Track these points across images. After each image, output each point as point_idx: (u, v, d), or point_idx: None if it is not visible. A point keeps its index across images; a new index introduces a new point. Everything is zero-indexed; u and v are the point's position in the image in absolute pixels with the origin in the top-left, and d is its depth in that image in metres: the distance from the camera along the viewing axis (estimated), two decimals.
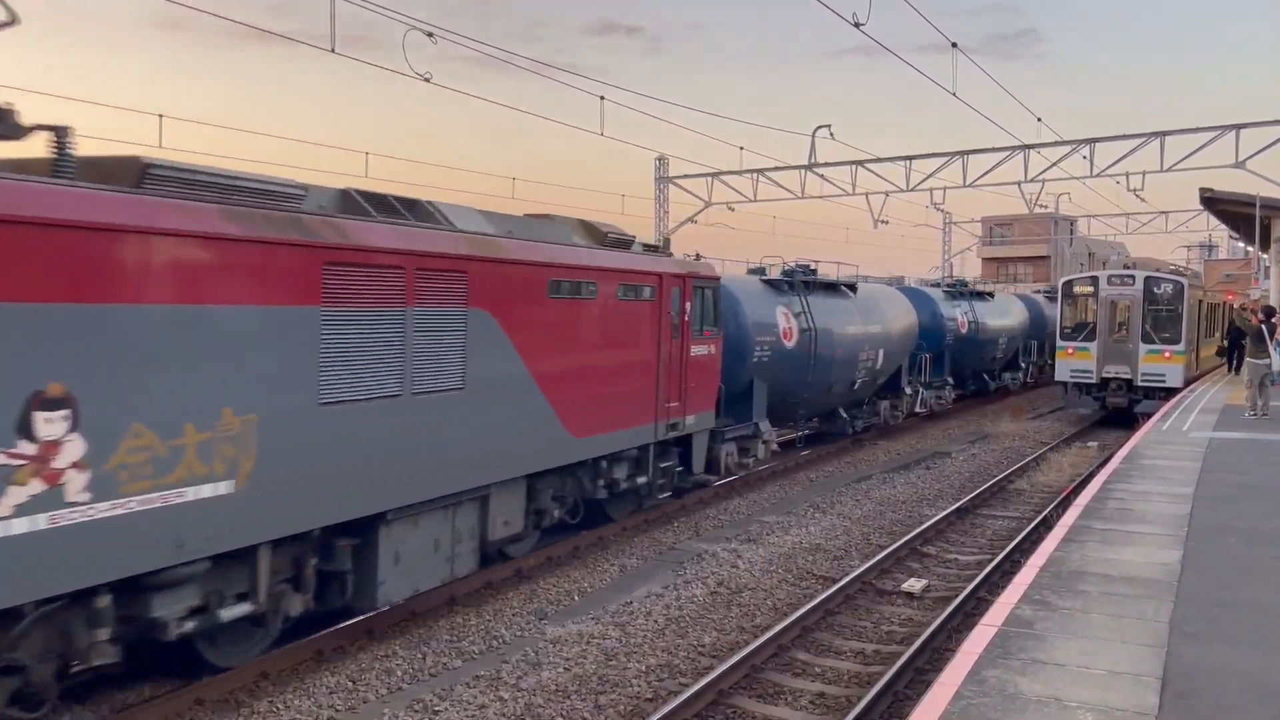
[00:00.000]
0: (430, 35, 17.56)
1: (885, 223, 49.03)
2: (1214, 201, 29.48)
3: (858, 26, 17.12)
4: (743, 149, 48.15)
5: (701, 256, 15.93)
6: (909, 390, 25.05)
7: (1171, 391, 26.34)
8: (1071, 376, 27.82)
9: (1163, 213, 48.34)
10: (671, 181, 36.93)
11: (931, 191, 37.37)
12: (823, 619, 10.77)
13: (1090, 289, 27.92)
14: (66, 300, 6.49)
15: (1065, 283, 29.10)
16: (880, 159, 33.07)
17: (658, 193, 36.95)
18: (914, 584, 12.06)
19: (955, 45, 22.77)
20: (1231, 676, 6.33)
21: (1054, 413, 30.61)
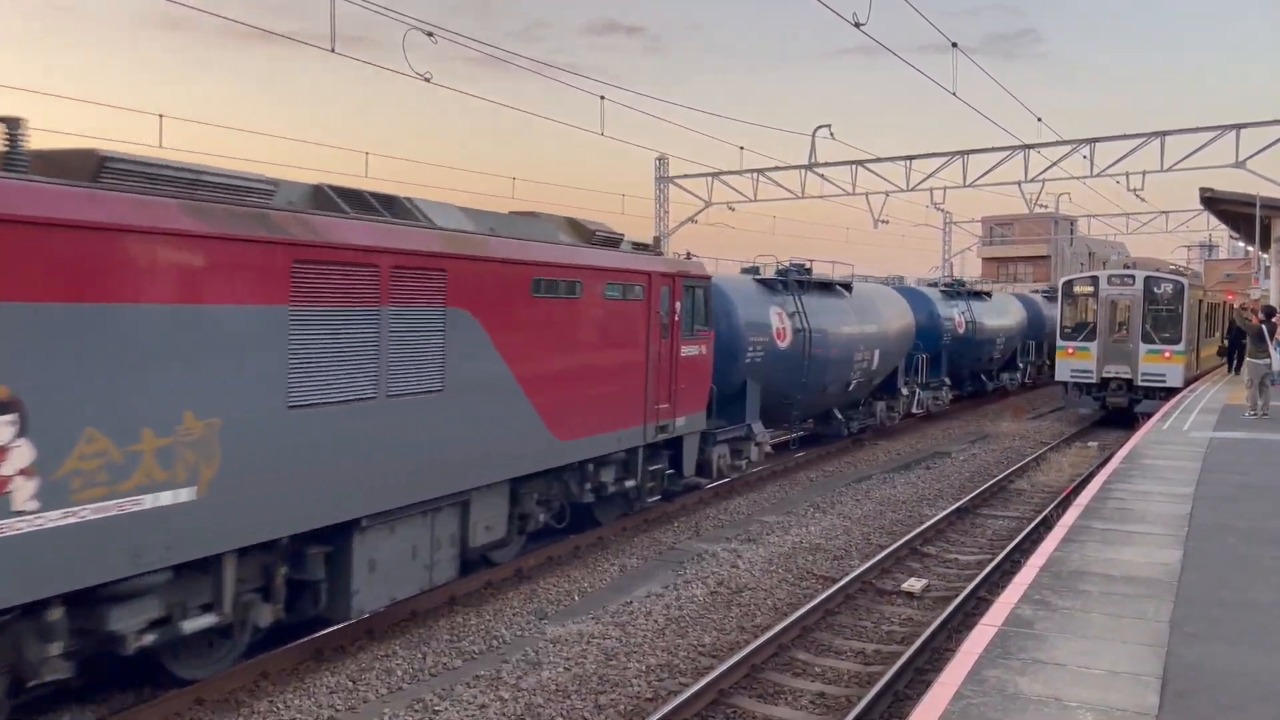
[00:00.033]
0: (430, 35, 17.57)
1: (885, 223, 49.08)
2: (1214, 201, 29.49)
3: (858, 26, 17.13)
4: (743, 149, 48.09)
5: (693, 255, 15.83)
6: (905, 391, 24.88)
7: (1172, 391, 26.34)
8: (1072, 376, 27.81)
9: (1163, 213, 48.40)
10: (672, 181, 36.94)
11: (931, 191, 37.44)
12: (823, 619, 10.77)
13: (1090, 289, 27.91)
14: (15, 299, 6.24)
15: (1065, 282, 29.08)
16: (880, 159, 33.11)
17: (658, 192, 36.96)
18: (914, 584, 12.06)
19: (955, 45, 22.78)
20: (1232, 676, 6.33)
21: (1054, 413, 30.61)
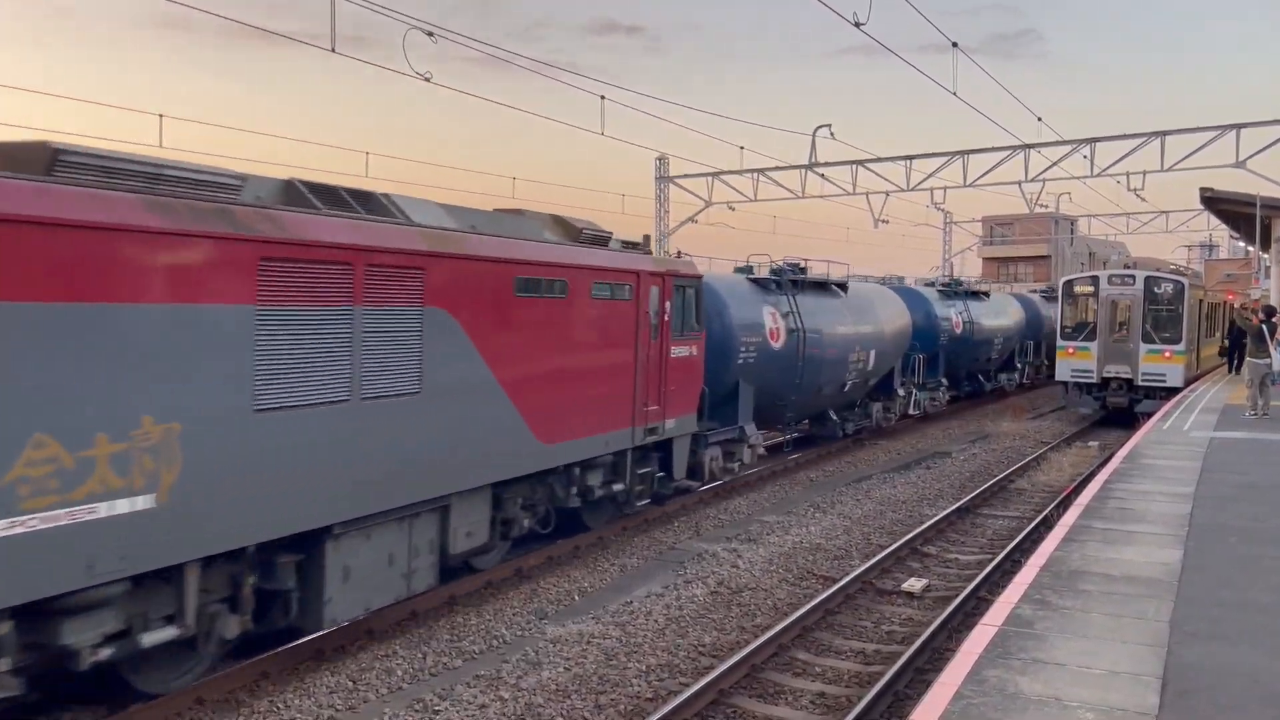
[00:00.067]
0: (430, 35, 17.58)
1: (886, 222, 49.01)
2: (1214, 201, 29.49)
3: (858, 26, 17.13)
4: (743, 149, 48.03)
5: (684, 254, 15.71)
6: (902, 392, 24.68)
7: (1172, 391, 26.35)
8: (1072, 376, 27.82)
9: (1163, 212, 48.42)
10: (672, 181, 36.95)
11: (932, 191, 37.46)
12: (823, 619, 10.77)
13: (1091, 289, 27.91)
14: None
15: (1065, 282, 29.08)
16: (881, 159, 33.13)
17: (658, 192, 36.97)
18: (914, 583, 12.06)
19: (956, 45, 22.78)
20: (1232, 676, 6.33)
21: (1054, 412, 30.61)
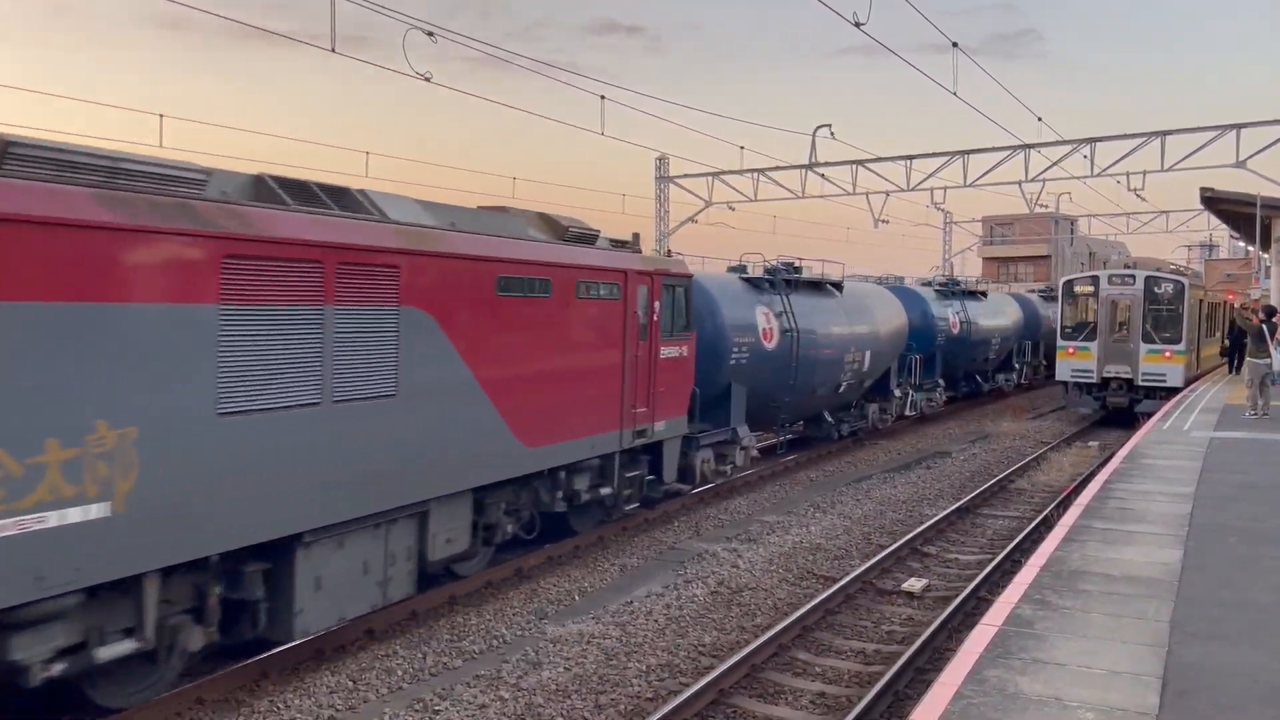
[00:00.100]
0: (430, 35, 17.57)
1: (886, 222, 49.05)
2: (1214, 201, 29.50)
3: (858, 26, 17.14)
4: (743, 148, 48.08)
5: (675, 253, 15.59)
6: (898, 393, 24.51)
7: (1172, 391, 26.35)
8: (1072, 376, 27.82)
9: (1163, 212, 48.46)
10: (672, 181, 36.95)
11: (932, 191, 37.47)
12: (823, 618, 10.77)
13: (1091, 289, 27.91)
14: None
15: (1066, 282, 29.08)
16: (881, 159, 33.12)
17: (658, 192, 36.97)
18: (914, 583, 12.05)
19: (956, 45, 22.78)
20: (1232, 676, 6.33)
21: (1054, 412, 30.61)
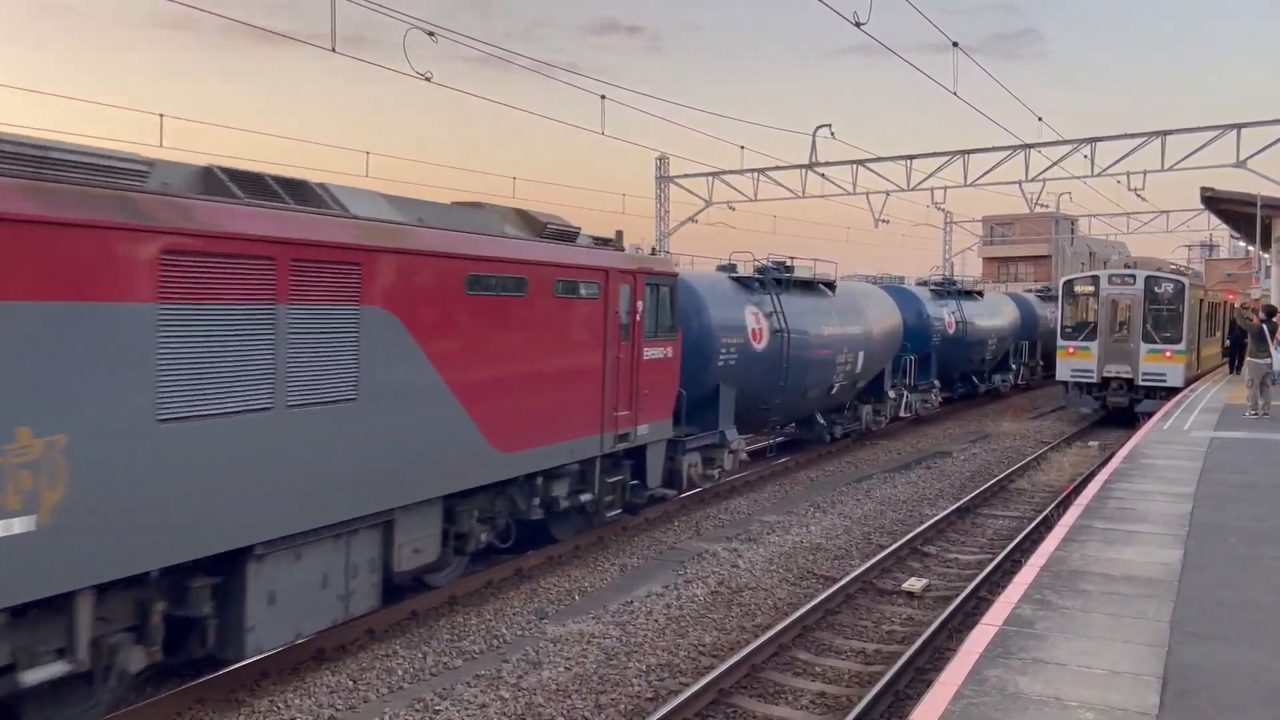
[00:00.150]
0: (431, 34, 17.57)
1: (886, 222, 48.98)
2: (1215, 201, 29.50)
3: (858, 26, 17.13)
4: (743, 148, 47.99)
5: (662, 251, 15.23)
6: (893, 394, 24.27)
7: (1172, 391, 26.36)
8: (1072, 376, 27.82)
9: (1164, 212, 48.49)
10: (672, 181, 36.94)
11: (932, 191, 37.47)
12: (823, 618, 10.77)
13: (1091, 288, 27.90)
14: None
15: (1066, 282, 29.07)
16: (881, 158, 33.11)
17: (658, 192, 36.96)
18: (915, 583, 12.06)
19: (956, 45, 22.78)
20: (1232, 676, 6.33)
21: (1054, 412, 30.61)
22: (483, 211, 11.50)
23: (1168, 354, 26.77)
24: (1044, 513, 15.58)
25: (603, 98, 26.00)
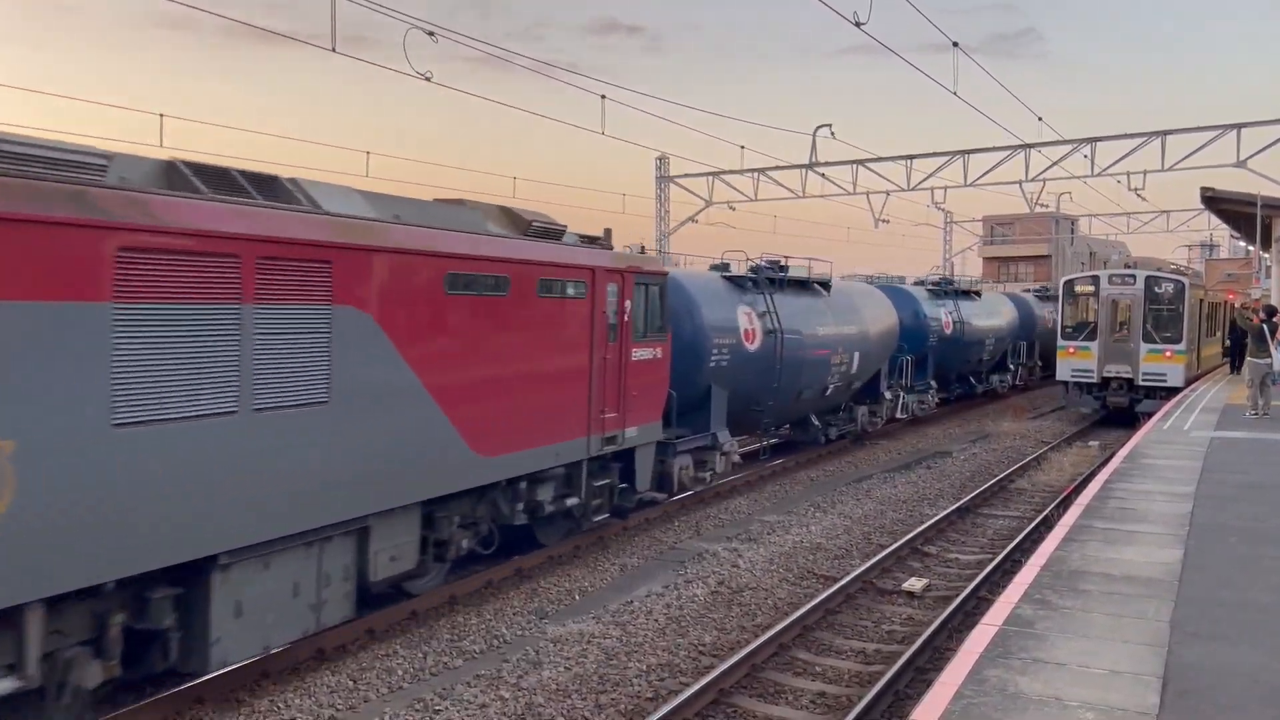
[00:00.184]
0: (431, 34, 17.58)
1: (886, 222, 48.97)
2: (1215, 201, 29.52)
3: (858, 26, 17.15)
4: (744, 148, 47.97)
5: (647, 249, 14.93)
6: (889, 395, 24.05)
7: (1172, 391, 26.37)
8: (1072, 376, 27.82)
9: (1164, 212, 48.59)
10: (672, 181, 36.97)
11: (932, 191, 37.48)
12: (823, 618, 10.78)
13: (1091, 288, 27.90)
14: None
15: (1066, 282, 29.07)
16: (881, 158, 33.15)
17: (658, 192, 36.98)
18: (915, 583, 12.06)
19: (956, 44, 22.80)
20: (1232, 676, 6.33)
21: (1054, 412, 30.62)
22: (464, 209, 11.20)
23: (1168, 354, 26.78)
24: (1044, 513, 15.59)
25: (603, 98, 26.08)
